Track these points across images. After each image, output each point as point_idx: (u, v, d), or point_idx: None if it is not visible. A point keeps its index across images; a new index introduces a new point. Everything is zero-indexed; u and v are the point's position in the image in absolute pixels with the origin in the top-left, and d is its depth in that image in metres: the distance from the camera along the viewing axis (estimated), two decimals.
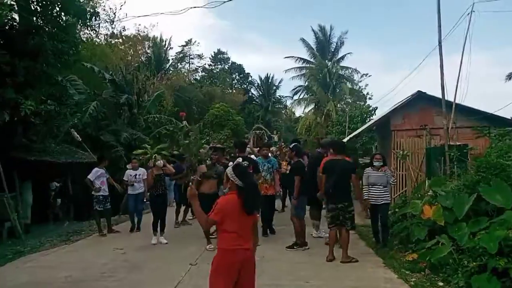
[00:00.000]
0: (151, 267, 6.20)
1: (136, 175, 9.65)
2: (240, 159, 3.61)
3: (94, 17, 13.23)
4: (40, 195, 13.09)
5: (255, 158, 9.13)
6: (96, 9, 13.70)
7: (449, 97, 9.48)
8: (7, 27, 11.64)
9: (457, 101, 9.74)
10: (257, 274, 3.37)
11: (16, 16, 11.91)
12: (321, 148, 8.80)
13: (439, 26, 8.93)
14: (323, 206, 7.73)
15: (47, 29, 10.96)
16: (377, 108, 28.83)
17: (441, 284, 5.17)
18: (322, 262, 6.33)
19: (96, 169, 9.49)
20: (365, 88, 44.79)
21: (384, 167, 7.37)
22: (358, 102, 38.53)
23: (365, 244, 7.57)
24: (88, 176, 9.37)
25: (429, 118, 12.08)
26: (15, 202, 10.53)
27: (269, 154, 9.16)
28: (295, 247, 7.21)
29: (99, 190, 9.27)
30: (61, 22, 11.48)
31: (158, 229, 8.18)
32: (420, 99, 12.75)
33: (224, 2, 9.63)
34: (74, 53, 11.77)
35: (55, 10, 11.50)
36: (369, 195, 7.19)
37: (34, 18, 11.28)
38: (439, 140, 10.52)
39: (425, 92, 12.40)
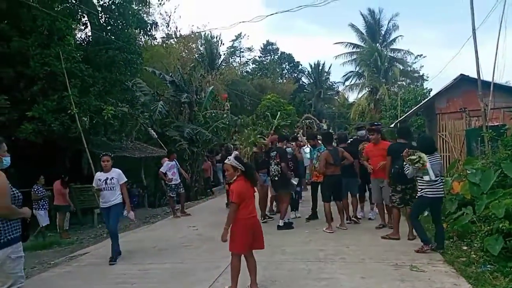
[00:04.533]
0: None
1: (107, 179, 6.55)
2: (236, 152, 5.16)
3: (154, 27, 14.95)
4: None
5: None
6: (151, 16, 15.33)
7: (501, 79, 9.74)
8: (84, 43, 13.63)
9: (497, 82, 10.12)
10: (304, 242, 4.53)
11: (89, 33, 13.89)
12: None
13: (472, 14, 9.40)
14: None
15: (116, 42, 12.69)
16: (431, 90, 28.52)
17: (465, 248, 6.00)
18: (363, 233, 7.33)
19: (167, 162, 10.83)
20: (420, 70, 43.93)
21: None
22: (412, 85, 37.88)
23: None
24: (161, 169, 10.81)
25: (473, 100, 12.40)
26: None
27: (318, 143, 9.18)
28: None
29: (171, 180, 10.57)
30: (127, 35, 13.20)
31: None
32: (463, 82, 13.07)
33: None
34: (140, 62, 13.46)
35: (120, 25, 13.27)
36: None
37: (104, 33, 13.12)
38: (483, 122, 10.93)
39: (467, 75, 12.71)
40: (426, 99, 16.44)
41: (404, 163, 6.02)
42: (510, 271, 4.65)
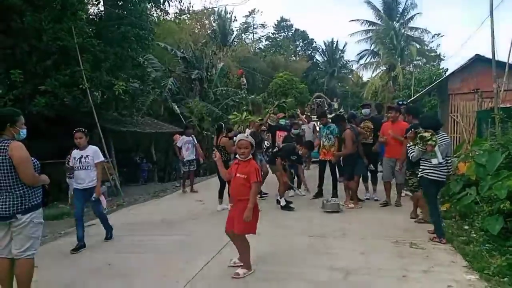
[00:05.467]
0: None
1: (82, 157, 5.89)
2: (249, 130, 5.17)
3: (167, 1, 14.88)
4: (129, 160, 15.44)
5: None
6: None
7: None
8: (96, 18, 13.67)
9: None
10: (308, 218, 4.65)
11: (102, 8, 13.91)
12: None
13: None
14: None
15: (128, 18, 12.70)
16: (447, 69, 28.00)
17: (466, 227, 6.07)
18: (367, 211, 7.44)
19: (183, 137, 10.71)
20: (437, 49, 42.98)
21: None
22: (428, 65, 37.14)
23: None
24: (177, 144, 10.67)
25: (488, 81, 12.19)
26: (112, 166, 12.74)
27: (328, 121, 9.05)
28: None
29: (184, 155, 10.48)
30: (139, 11, 13.18)
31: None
32: (479, 62, 12.83)
33: None
34: (152, 38, 13.47)
35: (132, 0, 13.24)
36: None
37: (116, 9, 13.13)
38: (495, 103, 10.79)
39: (483, 56, 12.46)
40: (439, 79, 16.17)
41: (409, 144, 5.89)
42: (508, 250, 4.72)
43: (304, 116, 13.46)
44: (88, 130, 6.28)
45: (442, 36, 49.62)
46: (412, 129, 5.93)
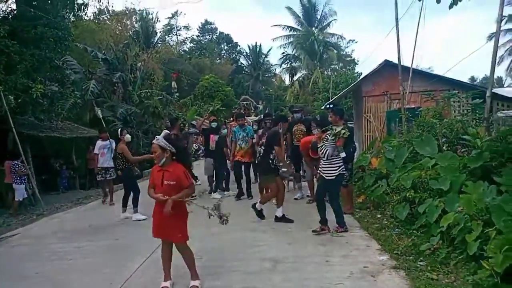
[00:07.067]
0: None
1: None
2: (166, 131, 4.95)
3: (82, 8, 14.33)
4: (48, 167, 14.57)
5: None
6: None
7: (422, 64, 10.73)
8: (10, 17, 12.74)
9: (418, 67, 11.12)
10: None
11: (14, 6, 12.98)
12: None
13: (396, 5, 10.20)
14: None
15: (44, 17, 12.01)
16: (361, 73, 30.08)
17: (379, 216, 6.77)
18: (291, 207, 7.90)
19: (98, 142, 10.07)
20: (352, 54, 45.97)
21: (323, 134, 6.12)
22: (344, 69, 39.58)
23: None
24: (94, 151, 10.08)
25: (396, 84, 13.49)
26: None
27: (245, 124, 9.43)
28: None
29: (99, 162, 9.75)
30: (56, 11, 12.54)
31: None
32: (387, 67, 14.08)
33: None
34: (72, 39, 12.87)
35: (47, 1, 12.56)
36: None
37: (31, 8, 12.35)
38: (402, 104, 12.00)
39: (391, 61, 13.72)
40: (354, 83, 17.46)
41: (320, 145, 6.03)
42: (413, 232, 5.40)
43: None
44: (1, 135, 5.97)
45: (356, 42, 53.15)
46: (319, 130, 6.22)
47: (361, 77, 16.15)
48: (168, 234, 4.12)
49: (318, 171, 6.35)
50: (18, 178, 10.30)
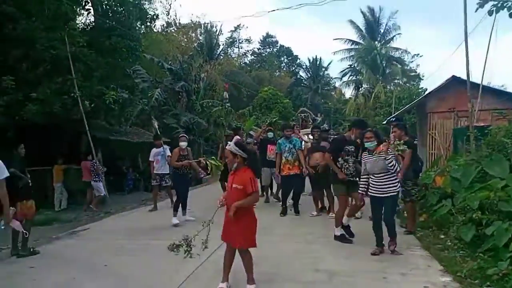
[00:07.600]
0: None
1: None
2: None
3: (153, 19, 15.21)
4: (116, 169, 15.49)
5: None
6: (152, 3, 15.48)
7: (494, 82, 10.17)
8: (88, 28, 13.89)
9: (490, 84, 10.55)
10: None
11: (92, 19, 14.12)
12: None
13: (465, 19, 9.78)
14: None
15: (118, 29, 12.96)
16: (426, 89, 28.97)
17: (442, 236, 6.48)
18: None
19: (153, 149, 10.10)
20: (416, 69, 44.42)
21: (379, 147, 5.59)
22: (408, 84, 38.28)
23: None
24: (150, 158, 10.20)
25: (464, 100, 12.84)
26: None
27: (292, 135, 9.05)
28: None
29: (154, 169, 9.92)
30: (130, 22, 13.47)
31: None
32: (455, 83, 13.50)
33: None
34: (142, 49, 13.74)
35: (121, 12, 13.53)
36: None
37: (107, 21, 13.38)
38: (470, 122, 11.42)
39: (459, 77, 13.14)
40: (419, 98, 16.88)
41: (372, 156, 5.61)
42: (479, 255, 5.11)
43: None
44: (76, 137, 6.48)
45: (421, 56, 51.31)
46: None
47: (426, 92, 15.54)
48: (230, 238, 4.25)
49: (369, 191, 5.75)
50: (97, 176, 11.18)
